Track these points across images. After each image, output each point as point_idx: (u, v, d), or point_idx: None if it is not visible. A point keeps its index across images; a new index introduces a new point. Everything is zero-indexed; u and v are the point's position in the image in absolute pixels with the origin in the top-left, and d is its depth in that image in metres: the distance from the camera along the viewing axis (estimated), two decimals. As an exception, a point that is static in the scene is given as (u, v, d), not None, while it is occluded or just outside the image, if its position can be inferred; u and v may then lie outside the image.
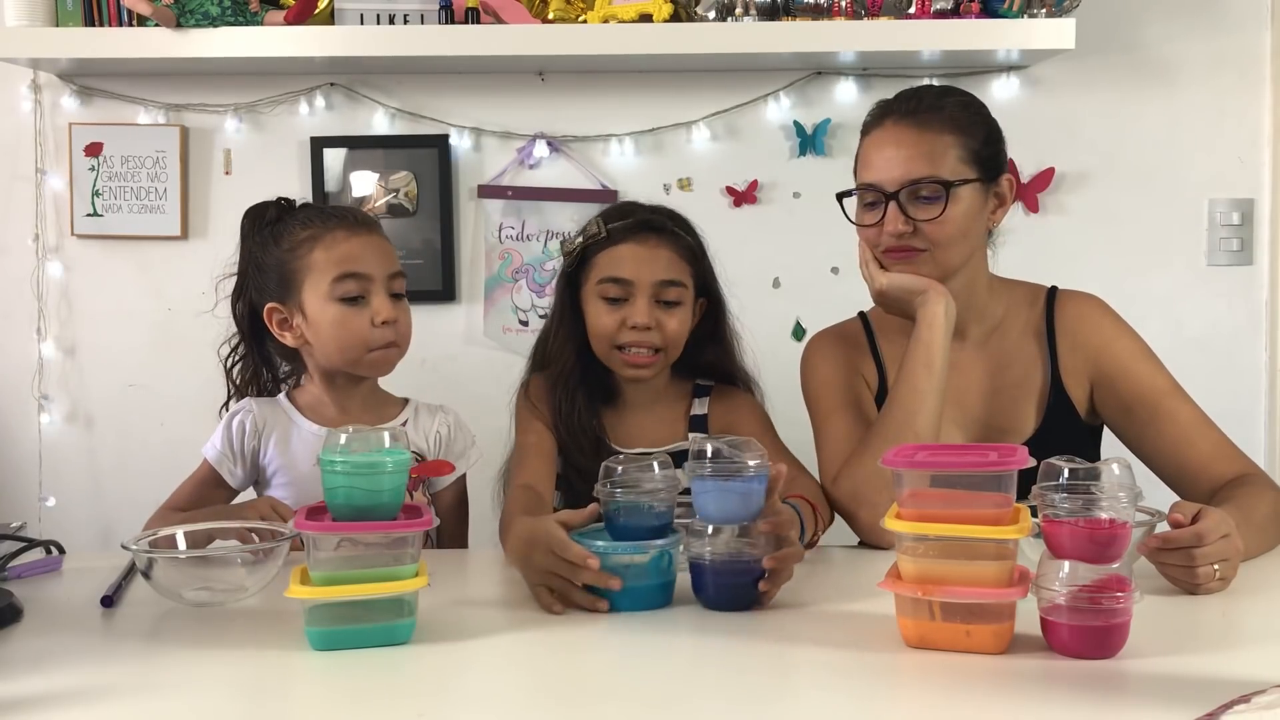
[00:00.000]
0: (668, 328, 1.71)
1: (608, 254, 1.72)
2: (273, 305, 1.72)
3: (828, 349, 1.79)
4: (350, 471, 1.21)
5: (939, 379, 1.61)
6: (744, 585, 1.30)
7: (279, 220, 1.75)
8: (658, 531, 1.34)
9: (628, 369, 1.73)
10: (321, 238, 1.68)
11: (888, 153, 1.64)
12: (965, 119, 1.65)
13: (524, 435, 1.74)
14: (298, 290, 1.69)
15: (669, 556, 1.34)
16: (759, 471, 1.31)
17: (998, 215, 1.69)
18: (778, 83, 2.59)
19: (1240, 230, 2.62)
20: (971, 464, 1.18)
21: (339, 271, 1.66)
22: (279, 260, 1.71)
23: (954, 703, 1.04)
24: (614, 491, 1.35)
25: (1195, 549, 1.31)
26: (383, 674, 1.14)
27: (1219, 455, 1.61)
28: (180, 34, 2.36)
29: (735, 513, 1.31)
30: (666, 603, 1.34)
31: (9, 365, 2.63)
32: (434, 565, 1.25)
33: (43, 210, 2.61)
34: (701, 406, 1.79)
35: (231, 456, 1.73)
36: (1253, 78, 2.60)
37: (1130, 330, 1.72)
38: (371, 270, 1.68)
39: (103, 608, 1.35)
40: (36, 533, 2.24)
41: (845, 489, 1.62)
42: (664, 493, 1.35)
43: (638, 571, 1.31)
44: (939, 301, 1.62)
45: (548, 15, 2.42)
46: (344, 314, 1.66)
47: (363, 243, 1.69)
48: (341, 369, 1.72)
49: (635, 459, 1.38)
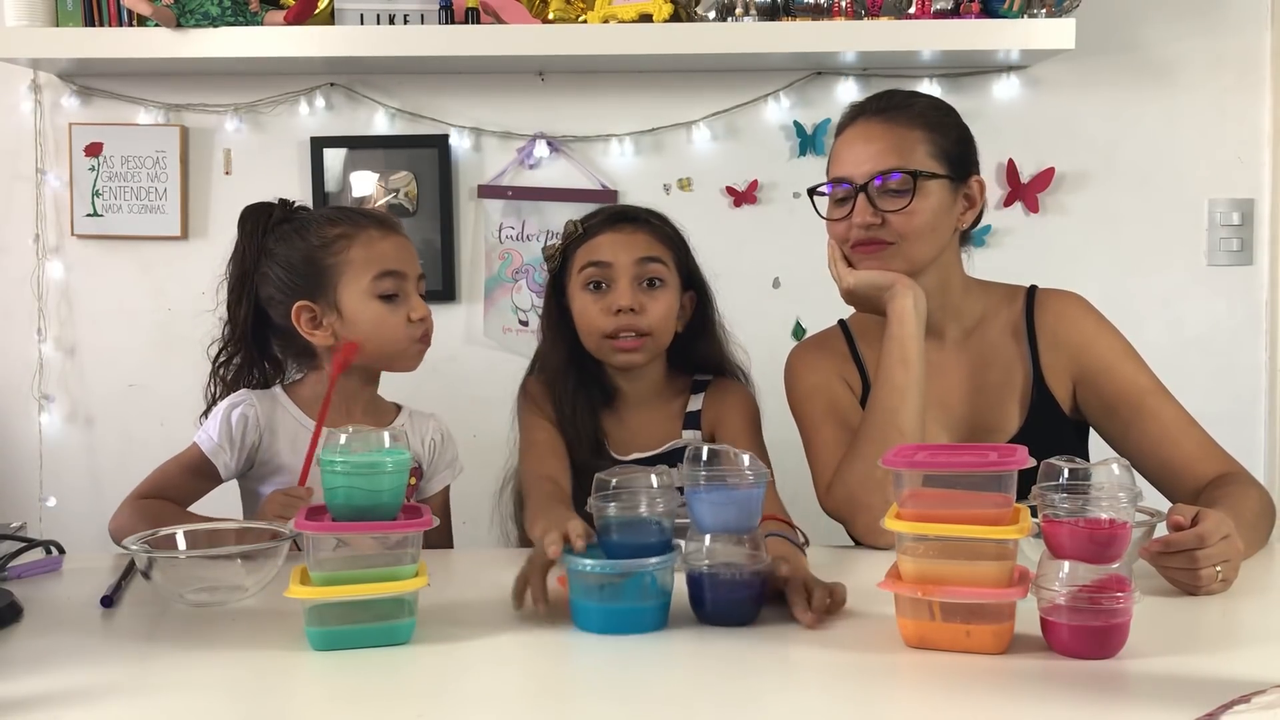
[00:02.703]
0: (652, 310, 1.72)
1: (586, 246, 1.75)
2: (303, 303, 1.70)
3: (810, 359, 1.79)
4: (350, 472, 1.21)
5: (917, 373, 1.61)
6: (742, 600, 1.25)
7: (288, 220, 1.74)
8: (654, 549, 1.25)
9: (618, 355, 1.73)
10: (356, 236, 1.70)
11: (857, 147, 1.66)
12: (935, 118, 1.68)
13: (532, 433, 1.75)
14: (332, 288, 1.69)
15: (652, 578, 1.23)
16: (758, 480, 1.26)
17: (967, 217, 1.70)
18: (778, 83, 2.60)
19: (1240, 230, 2.62)
20: (971, 464, 1.18)
21: (379, 269, 1.68)
22: (308, 258, 1.70)
23: (954, 703, 1.04)
24: (604, 506, 1.26)
25: (1197, 551, 1.31)
26: (383, 674, 1.13)
27: (1202, 454, 1.61)
28: (180, 34, 2.36)
29: (733, 523, 1.26)
30: (655, 627, 1.24)
31: (9, 365, 2.63)
32: (434, 565, 1.25)
33: (43, 210, 2.62)
34: (696, 402, 1.80)
35: (229, 448, 1.70)
36: (1253, 78, 2.60)
37: (1112, 328, 1.72)
38: (407, 269, 1.71)
39: (103, 608, 1.35)
40: (37, 533, 2.24)
41: (839, 495, 1.62)
42: (661, 507, 1.26)
43: (613, 592, 1.23)
44: (907, 295, 1.63)
45: (548, 15, 2.42)
46: (384, 311, 1.69)
47: (396, 242, 1.72)
48: (375, 365, 1.74)
49: (630, 470, 1.29)
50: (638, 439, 1.76)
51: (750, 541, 1.27)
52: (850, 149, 1.67)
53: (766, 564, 1.26)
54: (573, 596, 1.25)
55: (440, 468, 1.83)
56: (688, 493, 1.27)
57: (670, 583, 1.26)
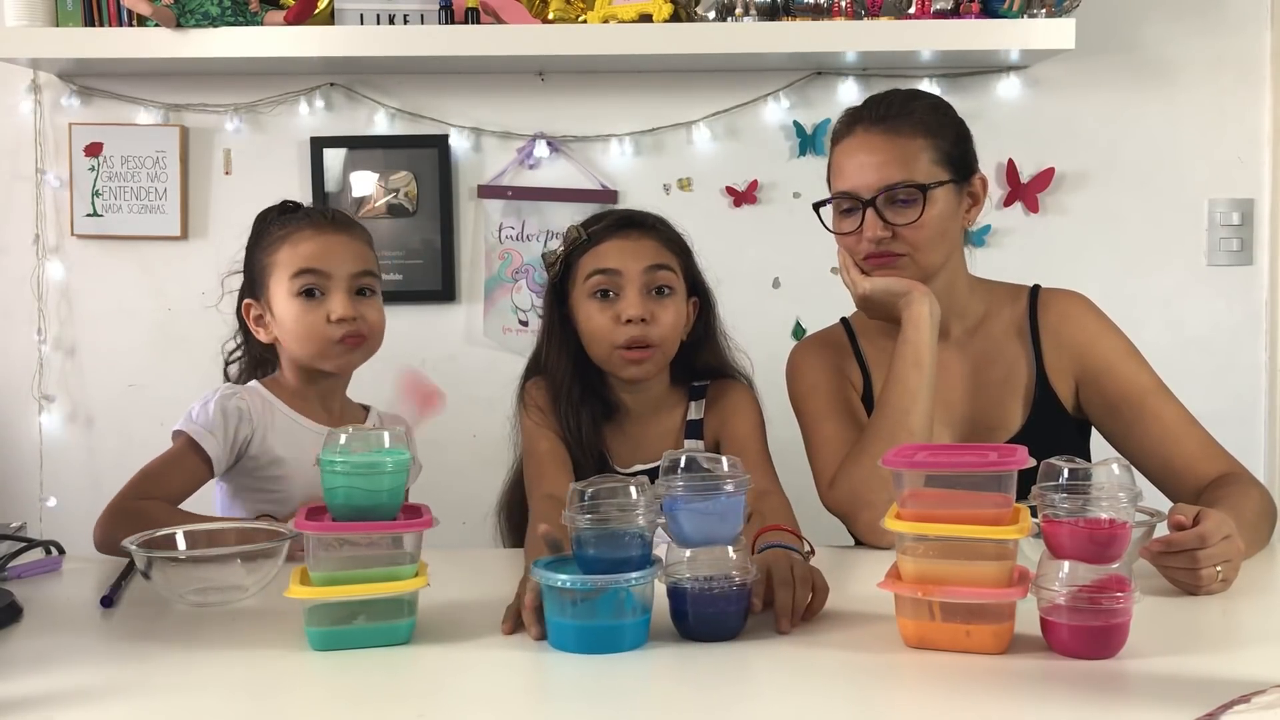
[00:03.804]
0: (662, 320, 1.68)
1: (592, 253, 1.70)
2: (249, 302, 1.76)
3: (812, 356, 1.79)
4: (350, 471, 1.21)
5: (929, 377, 1.62)
6: (725, 614, 1.20)
7: (274, 221, 1.77)
8: (633, 563, 1.18)
9: (628, 368, 1.69)
10: (290, 236, 1.72)
11: (861, 159, 1.64)
12: (934, 121, 1.67)
13: (536, 443, 1.71)
14: (266, 287, 1.73)
15: (628, 594, 1.17)
16: (737, 488, 1.21)
17: (972, 215, 1.71)
18: (777, 83, 2.60)
19: (1240, 230, 2.62)
20: (971, 464, 1.18)
21: (297, 267, 1.69)
22: (255, 258, 1.76)
23: (954, 703, 1.04)
24: (576, 519, 1.18)
25: (1199, 551, 1.31)
26: (383, 674, 1.13)
27: (1204, 454, 1.62)
28: (180, 34, 2.36)
29: (712, 534, 1.21)
30: (634, 645, 1.18)
31: (9, 365, 2.63)
32: (434, 565, 1.25)
33: (43, 210, 2.62)
34: (697, 411, 1.77)
35: (220, 435, 1.68)
36: (1253, 78, 2.60)
37: (1114, 328, 1.72)
38: (330, 268, 1.69)
39: (102, 608, 1.35)
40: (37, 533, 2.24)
41: (843, 492, 1.62)
42: (640, 519, 1.18)
43: (588, 609, 1.17)
44: (923, 301, 1.63)
45: (548, 15, 2.42)
46: (301, 309, 1.69)
47: (327, 240, 1.71)
48: (305, 364, 1.74)
49: (608, 479, 1.21)
50: (640, 451, 1.73)
51: (735, 552, 1.22)
52: (853, 161, 1.65)
53: (752, 575, 1.21)
54: (547, 614, 1.19)
55: None
56: (665, 504, 1.22)
57: (650, 597, 1.20)
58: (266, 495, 1.71)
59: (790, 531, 1.45)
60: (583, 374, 1.73)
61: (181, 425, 1.70)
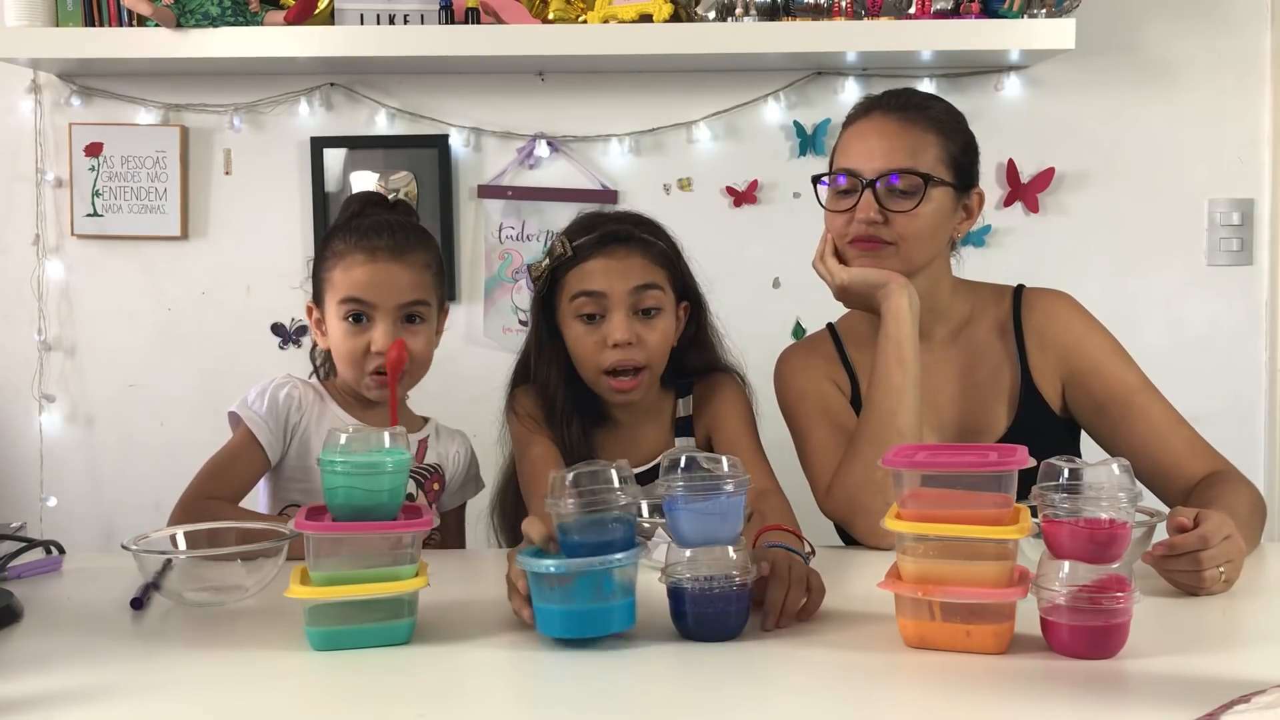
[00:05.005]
0: (649, 341, 1.67)
1: (577, 271, 1.67)
2: (310, 305, 1.78)
3: (799, 362, 1.78)
4: (350, 471, 1.21)
5: (913, 374, 1.61)
6: (725, 614, 1.20)
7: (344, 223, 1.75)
8: (616, 546, 1.18)
9: (616, 395, 1.69)
10: (344, 258, 1.70)
11: (870, 141, 1.64)
12: (949, 124, 1.67)
13: (530, 449, 1.70)
14: (323, 297, 1.74)
15: (606, 576, 1.17)
16: (737, 488, 1.21)
17: (963, 227, 1.70)
18: (778, 83, 2.60)
19: (1240, 230, 2.62)
20: (972, 464, 1.18)
21: (344, 294, 1.69)
22: (317, 266, 1.76)
23: (954, 703, 1.04)
24: (559, 505, 1.19)
25: (1201, 552, 1.31)
26: (383, 674, 1.13)
27: (1191, 453, 1.61)
28: (180, 34, 2.36)
29: (712, 534, 1.21)
30: (621, 627, 1.19)
31: (9, 365, 2.63)
32: (434, 565, 1.25)
33: (43, 210, 2.62)
34: (686, 408, 1.76)
35: (274, 423, 1.69)
36: (1253, 78, 2.60)
37: (1100, 327, 1.72)
38: (377, 299, 1.67)
39: (133, 610, 1.34)
40: (37, 533, 2.24)
41: (839, 498, 1.62)
42: (618, 504, 1.19)
43: (570, 592, 1.17)
44: (901, 294, 1.62)
45: (548, 15, 2.43)
46: (345, 332, 1.69)
47: (377, 270, 1.68)
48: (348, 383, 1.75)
49: (589, 465, 1.21)
50: (631, 453, 1.72)
51: (735, 552, 1.21)
52: (862, 142, 1.66)
53: (752, 575, 1.21)
54: (534, 600, 1.20)
55: (464, 483, 1.85)
56: (665, 504, 1.22)
57: (633, 579, 1.20)
58: (302, 486, 1.72)
59: (791, 532, 1.45)
60: (572, 385, 1.72)
61: (237, 409, 1.71)
